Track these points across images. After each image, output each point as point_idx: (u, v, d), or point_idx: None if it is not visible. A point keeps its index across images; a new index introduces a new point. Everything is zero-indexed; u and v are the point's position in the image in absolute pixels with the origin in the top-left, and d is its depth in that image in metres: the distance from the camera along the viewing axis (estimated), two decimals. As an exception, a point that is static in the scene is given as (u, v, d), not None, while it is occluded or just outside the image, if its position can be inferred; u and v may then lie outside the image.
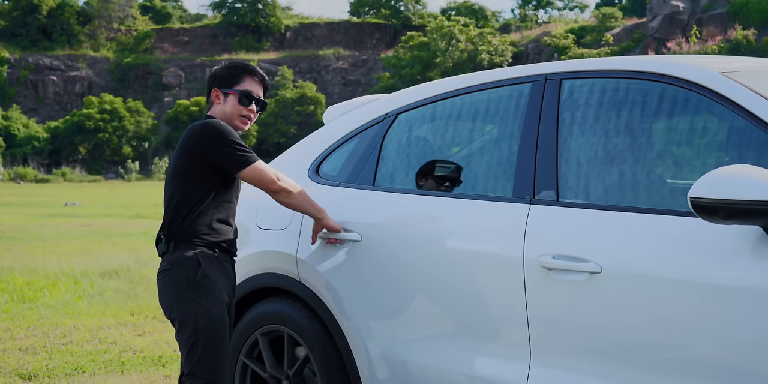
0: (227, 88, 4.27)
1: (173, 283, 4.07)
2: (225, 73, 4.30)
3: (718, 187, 2.91)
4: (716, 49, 43.48)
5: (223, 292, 4.10)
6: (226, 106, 4.25)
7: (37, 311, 9.26)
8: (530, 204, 3.67)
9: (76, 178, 57.03)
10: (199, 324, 4.00)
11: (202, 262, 4.06)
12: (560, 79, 3.84)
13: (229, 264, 4.21)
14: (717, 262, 3.11)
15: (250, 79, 4.30)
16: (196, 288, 4.03)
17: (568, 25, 65.21)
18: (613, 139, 3.64)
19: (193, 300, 4.02)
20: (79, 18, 74.52)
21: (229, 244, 4.21)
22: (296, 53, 74.16)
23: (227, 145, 4.07)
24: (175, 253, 4.10)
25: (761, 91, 3.28)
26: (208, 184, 4.13)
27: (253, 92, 4.27)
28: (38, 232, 18.52)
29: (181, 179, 4.15)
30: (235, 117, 4.25)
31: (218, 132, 4.08)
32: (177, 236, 4.12)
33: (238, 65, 4.36)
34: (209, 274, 4.06)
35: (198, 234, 4.10)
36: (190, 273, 4.04)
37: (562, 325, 3.49)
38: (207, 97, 4.34)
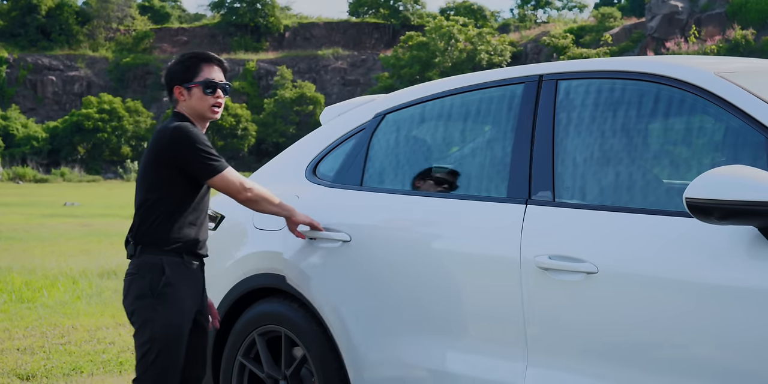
0: (188, 83, 4.21)
1: (137, 288, 4.10)
2: (181, 68, 4.25)
3: (714, 188, 2.92)
4: (715, 49, 43.50)
5: (186, 301, 4.12)
6: (192, 100, 4.21)
7: (36, 311, 9.26)
8: (526, 204, 3.68)
9: (75, 178, 57.00)
10: (156, 332, 4.04)
11: (166, 269, 4.08)
12: (556, 79, 3.85)
13: (197, 268, 4.22)
14: (713, 263, 3.12)
15: (208, 66, 4.25)
16: (158, 296, 4.06)
17: (567, 25, 65.21)
18: (609, 140, 3.65)
19: (153, 307, 4.05)
20: (77, 18, 74.46)
21: (199, 247, 4.22)
22: (295, 53, 74.12)
23: (197, 152, 4.06)
24: (142, 257, 4.12)
25: (756, 92, 3.29)
26: (177, 188, 4.13)
27: (215, 79, 4.22)
28: (37, 232, 18.52)
29: (150, 183, 4.16)
30: (206, 109, 4.22)
31: (189, 137, 4.07)
32: (144, 240, 4.14)
33: (191, 56, 4.30)
34: (173, 282, 4.08)
35: (166, 238, 4.11)
36: (154, 280, 4.07)
37: (558, 325, 3.49)
38: (169, 95, 4.30)
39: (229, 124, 63.64)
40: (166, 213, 4.11)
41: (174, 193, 4.12)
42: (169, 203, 4.12)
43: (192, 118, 4.23)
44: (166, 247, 4.11)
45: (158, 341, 4.04)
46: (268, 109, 66.38)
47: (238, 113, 64.27)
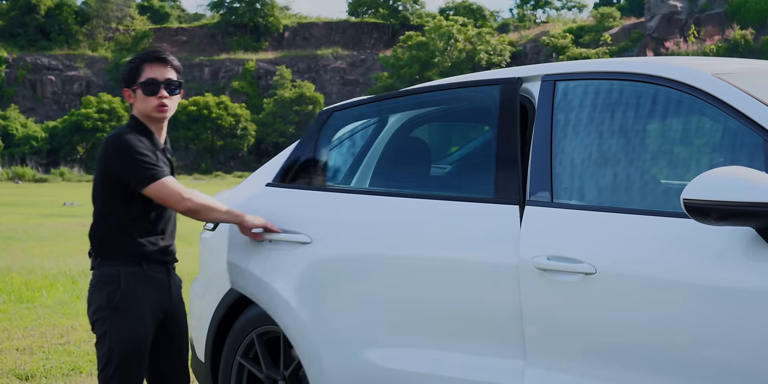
0: (132, 84, 4.15)
1: (95, 301, 4.10)
2: (126, 71, 4.20)
3: (711, 189, 2.92)
4: (714, 48, 43.51)
5: (146, 313, 4.10)
6: (138, 102, 4.15)
7: (35, 311, 9.26)
8: (524, 205, 3.68)
9: (75, 177, 56.96)
10: (114, 346, 4.04)
11: (122, 282, 4.06)
12: (554, 80, 3.85)
13: (163, 275, 4.19)
14: (710, 264, 3.12)
15: (149, 66, 4.14)
16: (115, 309, 4.05)
17: (567, 25, 65.23)
18: (607, 141, 3.65)
19: (110, 321, 4.05)
20: (77, 18, 74.44)
21: (161, 253, 4.18)
22: (294, 53, 74.10)
23: (130, 160, 4.00)
24: (101, 269, 4.12)
25: (754, 93, 3.29)
26: (126, 198, 4.09)
27: (156, 78, 4.12)
28: (36, 232, 18.53)
29: (99, 196, 4.14)
30: (150, 109, 4.13)
31: (122, 146, 4.02)
32: (102, 252, 4.12)
33: (135, 58, 4.22)
34: (130, 294, 4.06)
35: (122, 251, 4.09)
36: (111, 292, 4.06)
37: (557, 326, 3.49)
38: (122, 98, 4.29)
39: (228, 124, 63.66)
40: (119, 226, 4.09)
41: (122, 206, 4.10)
42: (119, 217, 4.09)
43: (144, 120, 4.18)
44: (123, 258, 4.09)
45: (116, 354, 4.05)
46: (267, 109, 66.36)
47: (237, 113, 64.28)
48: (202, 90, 69.48)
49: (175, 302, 4.27)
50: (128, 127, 4.16)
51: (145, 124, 4.17)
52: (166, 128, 4.26)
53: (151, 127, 4.18)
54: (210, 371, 4.75)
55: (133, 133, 4.10)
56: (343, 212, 4.25)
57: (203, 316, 4.77)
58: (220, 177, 58.12)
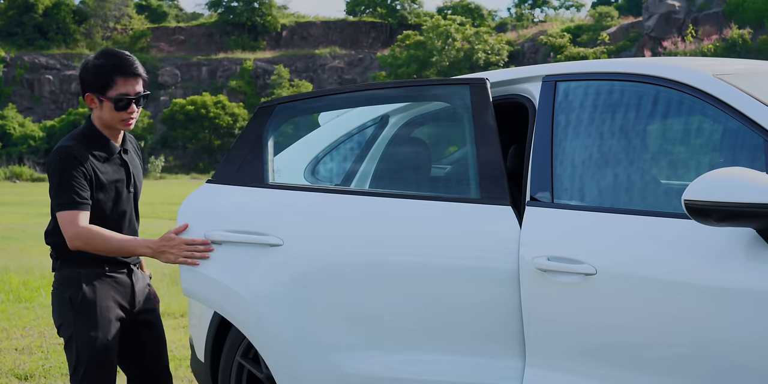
0: (101, 95, 4.00)
1: (59, 303, 4.07)
2: (95, 77, 4.00)
3: (712, 190, 2.92)
4: (712, 48, 43.52)
5: (109, 313, 4.05)
6: (104, 112, 4.03)
7: (33, 311, 9.26)
8: (525, 205, 3.68)
9: (72, 177, 56.92)
10: (81, 348, 4.02)
11: (84, 284, 4.02)
12: (555, 81, 3.86)
13: (124, 275, 4.15)
14: (711, 264, 3.13)
15: (123, 80, 3.99)
16: (77, 311, 4.01)
17: (564, 24, 65.22)
18: (608, 141, 3.66)
19: (75, 323, 4.02)
20: (74, 17, 74.42)
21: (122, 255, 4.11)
22: (292, 52, 74.10)
23: (56, 182, 3.94)
24: (61, 271, 4.08)
25: (755, 94, 3.30)
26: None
27: (128, 93, 4.00)
28: (34, 232, 18.49)
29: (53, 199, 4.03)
30: (116, 122, 4.05)
31: (59, 165, 3.95)
32: (62, 255, 4.08)
33: (106, 67, 3.99)
34: (92, 296, 4.02)
35: (81, 255, 4.02)
36: (73, 294, 4.02)
37: (557, 326, 3.50)
38: (82, 96, 4.08)
39: (226, 124, 63.63)
40: None
41: None
42: None
43: (102, 128, 4.10)
44: (83, 261, 4.05)
45: (84, 357, 4.03)
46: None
47: (235, 112, 64.25)
48: (199, 89, 69.49)
49: (141, 299, 4.22)
50: (81, 135, 4.07)
51: (102, 132, 4.09)
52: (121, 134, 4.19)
53: (107, 133, 4.11)
54: (209, 371, 4.74)
55: (83, 143, 4.02)
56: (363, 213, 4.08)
57: (203, 315, 4.76)
58: (218, 176, 58.00)
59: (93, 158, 4.02)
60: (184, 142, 64.50)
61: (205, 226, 4.17)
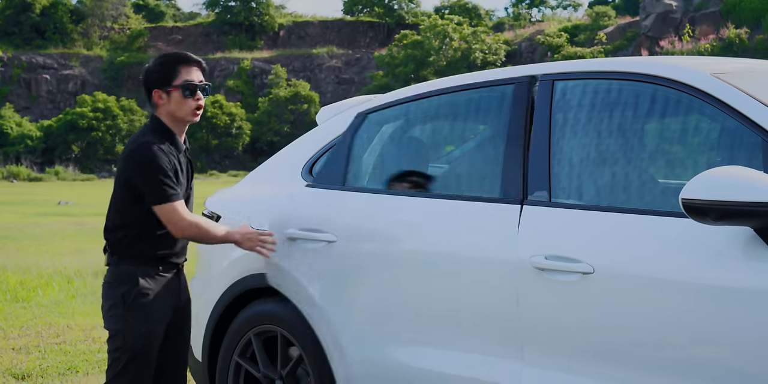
0: (167, 86, 4.12)
1: (111, 298, 4.15)
2: (159, 71, 4.16)
3: (710, 189, 2.92)
4: (709, 47, 43.54)
5: (160, 313, 4.17)
6: (172, 104, 4.13)
7: (31, 311, 9.25)
8: (522, 205, 3.68)
9: (70, 176, 56.91)
10: (127, 343, 4.10)
11: (140, 281, 4.11)
12: (553, 80, 3.85)
13: (173, 275, 4.25)
14: (709, 263, 3.13)
15: (186, 68, 4.15)
16: (129, 307, 4.09)
17: (562, 24, 65.24)
18: (606, 140, 3.65)
19: (124, 318, 4.10)
20: (72, 16, 74.34)
21: (175, 256, 4.25)
22: (290, 52, 74.05)
23: (150, 177, 4.03)
24: (118, 267, 4.16)
25: (753, 93, 3.29)
26: (142, 207, 4.11)
27: (194, 80, 4.14)
28: (31, 231, 18.51)
29: (120, 196, 4.16)
30: (186, 112, 4.15)
31: (146, 160, 4.03)
32: (120, 251, 4.17)
33: (168, 60, 4.19)
34: (147, 293, 4.12)
35: (141, 250, 4.14)
36: (127, 290, 4.10)
37: (555, 325, 3.50)
38: (148, 99, 4.20)
39: (223, 123, 63.60)
40: (139, 227, 4.14)
41: (138, 213, 4.13)
42: (137, 217, 4.13)
43: (170, 123, 4.17)
44: (141, 258, 4.15)
45: (128, 351, 4.11)
46: (262, 108, 66.32)
47: (232, 112, 64.23)
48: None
49: (184, 300, 4.35)
50: (152, 131, 4.14)
51: (169, 127, 4.16)
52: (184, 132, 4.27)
53: (175, 129, 4.18)
54: (207, 371, 4.75)
55: (158, 140, 4.09)
56: (364, 213, 4.27)
57: (200, 315, 4.76)
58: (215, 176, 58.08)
59: (171, 153, 4.13)
60: (182, 142, 64.41)
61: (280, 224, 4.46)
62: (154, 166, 4.02)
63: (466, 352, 3.75)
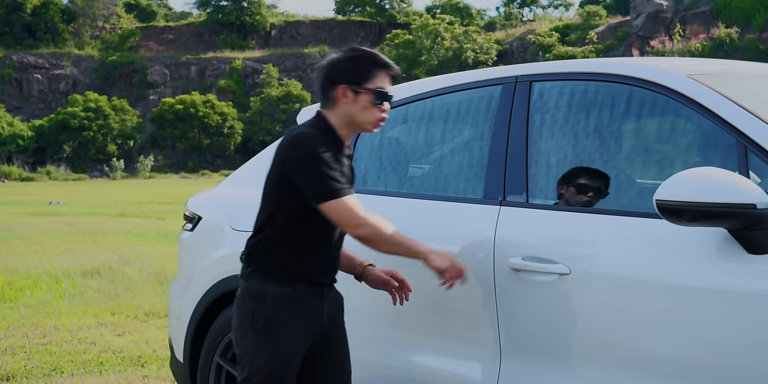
0: (357, 86, 3.52)
1: (239, 316, 3.60)
2: (354, 66, 3.57)
3: (684, 190, 2.93)
4: (699, 47, 43.61)
5: (295, 339, 3.55)
6: (356, 107, 3.53)
7: (18, 311, 9.24)
8: (500, 205, 3.70)
9: (61, 176, 56.90)
10: (253, 371, 3.55)
11: (270, 302, 3.53)
12: (530, 81, 3.87)
13: (315, 298, 3.59)
14: (684, 264, 3.13)
15: (382, 73, 3.58)
16: (258, 331, 3.53)
17: (553, 24, 65.38)
18: (583, 141, 3.67)
19: (252, 343, 3.55)
20: (63, 16, 74.33)
21: (318, 275, 3.62)
22: (281, 51, 74.12)
23: (312, 171, 3.41)
24: (249, 282, 3.60)
25: (728, 94, 3.30)
26: (298, 206, 3.51)
27: (387, 91, 3.58)
28: (21, 231, 18.48)
29: (270, 197, 3.58)
30: (368, 121, 3.56)
31: (309, 152, 3.41)
32: (255, 262, 3.60)
33: (367, 56, 3.59)
34: (277, 318, 3.53)
35: (277, 262, 3.55)
36: (257, 312, 3.54)
37: (531, 325, 3.51)
38: (323, 91, 3.60)
39: (215, 123, 63.65)
40: (283, 235, 3.55)
41: (292, 212, 3.52)
42: (285, 224, 3.53)
43: (342, 125, 3.57)
44: (274, 274, 3.56)
45: (256, 381, 3.55)
46: (254, 108, 66.38)
47: (224, 111, 64.29)
48: (188, 88, 69.43)
49: (331, 325, 3.70)
50: (315, 127, 3.54)
51: (336, 131, 3.56)
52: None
53: (343, 132, 3.58)
54: (188, 371, 4.75)
55: (321, 135, 3.50)
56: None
57: (182, 316, 4.77)
58: (207, 175, 58.12)
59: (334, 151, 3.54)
60: (174, 142, 64.50)
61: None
62: (318, 158, 3.41)
63: (443, 351, 3.77)
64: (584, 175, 3.62)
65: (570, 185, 3.64)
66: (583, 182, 3.63)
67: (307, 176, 3.40)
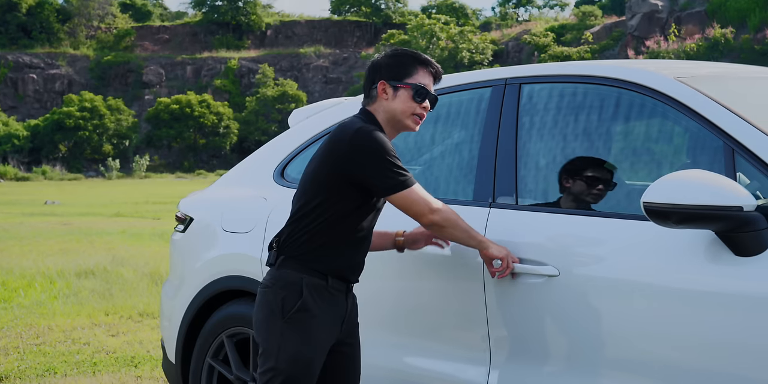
0: (397, 82, 3.58)
1: (267, 305, 3.55)
2: (394, 63, 3.63)
3: (671, 192, 2.94)
4: (695, 47, 43.65)
5: (323, 332, 3.54)
6: (396, 102, 3.57)
7: (12, 311, 9.24)
8: (490, 207, 3.71)
9: (57, 176, 56.85)
10: (280, 363, 3.49)
11: (305, 292, 3.51)
12: (520, 83, 3.88)
13: (342, 295, 3.61)
14: (672, 266, 3.15)
15: (424, 70, 3.63)
16: (288, 320, 3.50)
17: (548, 24, 65.42)
18: (572, 144, 3.69)
19: (281, 333, 3.51)
20: (58, 16, 74.28)
21: (350, 271, 3.62)
22: (277, 51, 74.09)
23: (381, 163, 3.43)
24: (281, 270, 3.56)
25: (716, 97, 3.32)
26: (345, 201, 3.52)
27: (428, 87, 3.62)
28: (16, 231, 18.46)
29: (315, 189, 3.54)
30: (406, 116, 3.59)
31: (374, 144, 3.43)
32: (289, 250, 3.57)
33: (408, 54, 3.67)
34: (310, 308, 3.51)
35: (313, 254, 3.54)
36: (288, 300, 3.51)
37: (521, 327, 3.53)
38: (366, 89, 3.66)
39: (211, 122, 63.62)
40: (323, 227, 3.53)
41: (339, 206, 3.52)
42: (329, 216, 3.52)
43: (383, 122, 3.61)
44: (310, 264, 3.54)
45: (282, 373, 3.49)
46: (250, 107, 66.37)
47: (219, 111, 64.24)
48: (184, 88, 69.41)
49: (350, 325, 3.70)
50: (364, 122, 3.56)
51: (381, 126, 3.60)
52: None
53: (388, 132, 3.62)
54: (180, 372, 4.76)
55: (379, 130, 3.53)
56: None
57: (174, 317, 4.78)
58: (203, 175, 58.09)
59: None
60: (169, 141, 64.49)
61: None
62: (385, 150, 3.43)
63: (434, 351, 3.79)
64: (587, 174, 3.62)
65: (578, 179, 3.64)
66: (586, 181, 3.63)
67: (378, 169, 3.43)
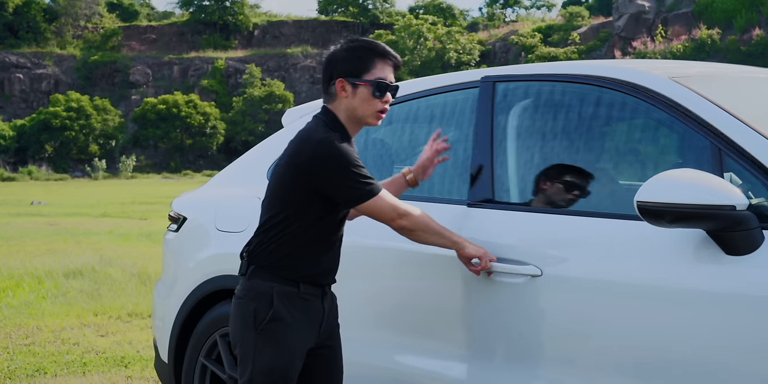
0: (356, 78, 3.47)
1: (241, 317, 3.53)
2: (350, 58, 3.50)
3: (664, 191, 2.95)
4: (681, 48, 43.77)
5: (299, 339, 3.51)
6: (356, 100, 3.48)
7: (0, 312, 9.22)
8: (468, 207, 3.73)
9: (43, 176, 56.67)
10: (256, 375, 3.48)
11: (275, 301, 3.47)
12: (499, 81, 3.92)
13: (317, 299, 3.56)
14: (659, 266, 3.15)
15: (382, 63, 3.52)
16: (261, 331, 3.47)
17: (536, 24, 65.48)
18: (563, 143, 3.71)
19: (254, 345, 3.48)
20: (45, 15, 74.05)
21: (322, 275, 3.58)
22: (264, 51, 74.00)
23: (346, 174, 3.37)
24: (252, 280, 3.53)
25: (710, 96, 3.33)
26: (310, 211, 3.47)
27: (387, 80, 3.50)
28: (2, 232, 18.40)
29: (282, 200, 3.49)
30: (369, 114, 3.50)
31: (336, 157, 3.37)
32: (258, 260, 3.54)
33: (364, 47, 3.54)
34: (283, 317, 3.48)
35: (282, 262, 3.50)
36: (260, 311, 3.48)
37: (502, 326, 3.53)
38: (325, 87, 3.56)
39: (197, 123, 63.49)
40: (289, 238, 3.49)
41: (304, 216, 3.46)
42: (295, 228, 3.47)
43: (345, 120, 3.53)
44: (279, 273, 3.50)
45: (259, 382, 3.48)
46: (236, 108, 66.27)
47: (206, 111, 64.13)
48: (171, 88, 69.27)
49: (329, 327, 3.66)
50: (326, 126, 3.49)
51: (344, 125, 3.53)
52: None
53: (348, 128, 3.54)
54: (173, 372, 4.76)
55: (341, 137, 3.45)
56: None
57: (166, 317, 4.78)
58: (189, 176, 57.98)
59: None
60: (156, 142, 64.34)
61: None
62: (349, 162, 3.37)
63: (414, 350, 3.81)
64: (569, 173, 3.64)
65: (555, 182, 3.67)
66: (568, 180, 3.66)
67: (343, 181, 3.38)
